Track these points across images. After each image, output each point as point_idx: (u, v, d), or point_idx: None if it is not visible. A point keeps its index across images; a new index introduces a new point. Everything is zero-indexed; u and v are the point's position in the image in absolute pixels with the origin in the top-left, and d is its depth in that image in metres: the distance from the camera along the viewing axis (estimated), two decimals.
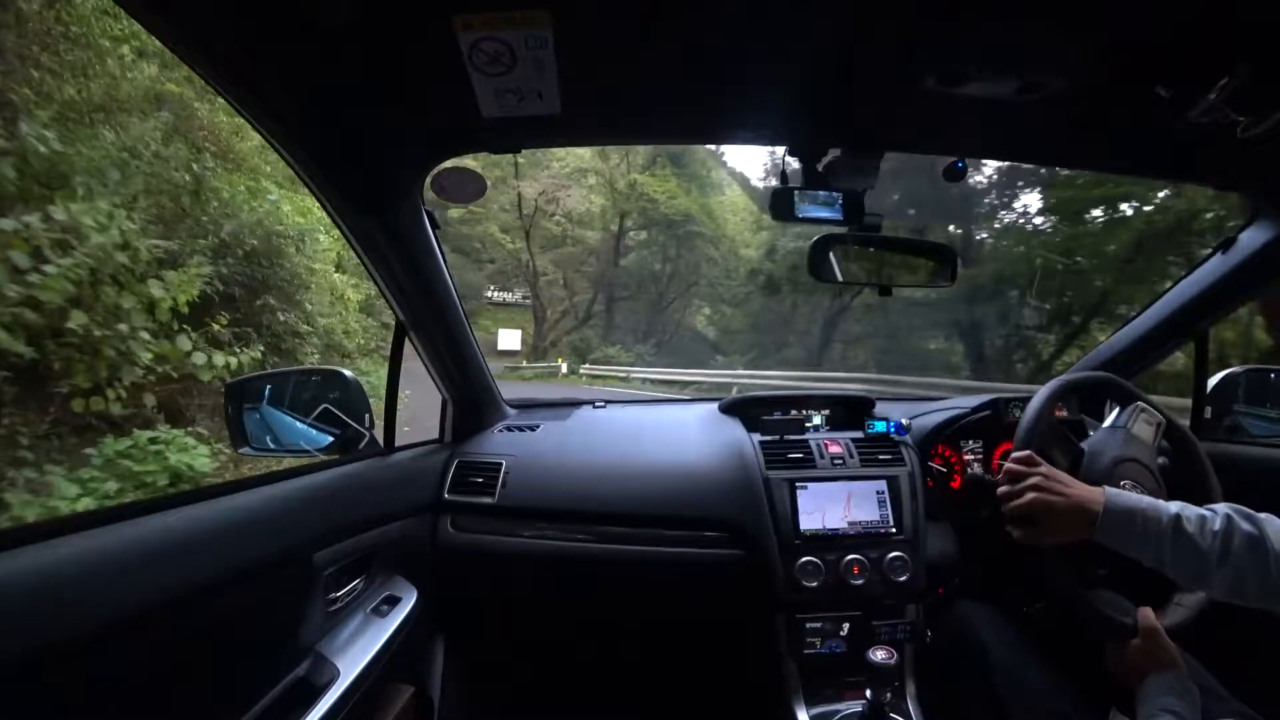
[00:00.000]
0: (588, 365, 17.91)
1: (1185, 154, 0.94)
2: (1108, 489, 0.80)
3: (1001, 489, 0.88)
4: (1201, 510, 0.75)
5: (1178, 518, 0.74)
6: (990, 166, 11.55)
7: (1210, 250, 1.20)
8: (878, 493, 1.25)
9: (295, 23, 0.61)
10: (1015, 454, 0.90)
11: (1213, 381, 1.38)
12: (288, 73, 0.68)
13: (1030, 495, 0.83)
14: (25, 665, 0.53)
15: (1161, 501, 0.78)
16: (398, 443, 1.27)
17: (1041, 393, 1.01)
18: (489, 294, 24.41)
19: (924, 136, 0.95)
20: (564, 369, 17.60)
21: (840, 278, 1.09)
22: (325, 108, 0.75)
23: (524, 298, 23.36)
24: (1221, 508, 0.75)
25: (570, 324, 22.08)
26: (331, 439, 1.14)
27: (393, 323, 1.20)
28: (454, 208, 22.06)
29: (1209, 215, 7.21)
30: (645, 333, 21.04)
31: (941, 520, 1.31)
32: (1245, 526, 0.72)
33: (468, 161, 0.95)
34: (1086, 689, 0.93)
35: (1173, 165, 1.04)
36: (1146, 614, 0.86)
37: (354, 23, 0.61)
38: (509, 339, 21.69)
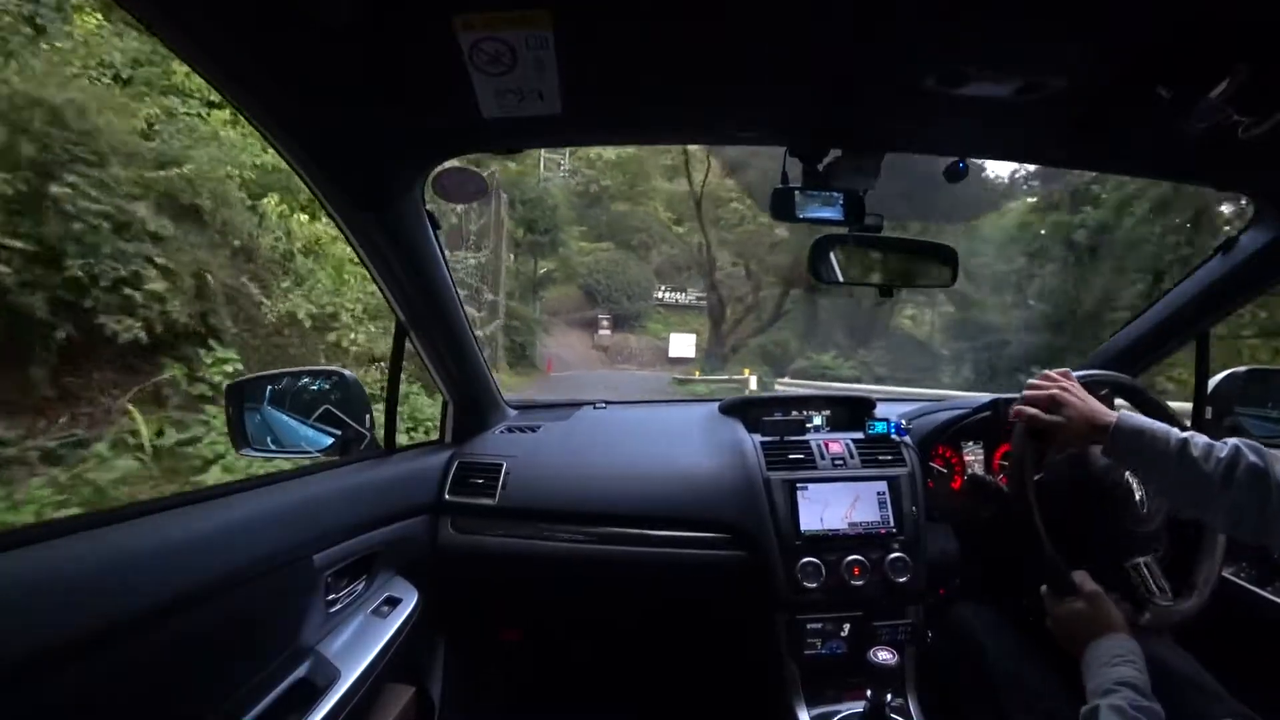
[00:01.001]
0: (787, 379, 13.07)
1: (1186, 155, 0.94)
2: (1121, 410, 0.84)
3: (1031, 381, 0.93)
4: (1211, 440, 0.77)
5: (1185, 441, 0.76)
6: None
7: (1212, 251, 1.20)
8: (878, 493, 1.25)
9: (295, 22, 0.60)
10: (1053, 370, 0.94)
11: (1214, 381, 1.38)
12: (287, 72, 0.68)
13: (1056, 390, 0.87)
14: (25, 665, 0.53)
15: (1173, 427, 0.80)
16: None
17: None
18: (659, 294, 21.52)
19: (924, 136, 0.95)
20: (753, 383, 12.64)
21: (841, 278, 1.09)
22: (325, 107, 0.75)
23: (698, 298, 20.61)
24: (1232, 440, 0.76)
25: (754, 324, 17.80)
26: (332, 440, 1.14)
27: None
28: (619, 202, 20.38)
29: None
30: (859, 335, 15.38)
31: (942, 521, 1.31)
32: (1251, 458, 0.73)
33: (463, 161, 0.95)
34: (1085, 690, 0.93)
35: (1174, 166, 1.04)
36: (1085, 577, 0.88)
37: (354, 22, 0.61)
38: (681, 345, 19.03)
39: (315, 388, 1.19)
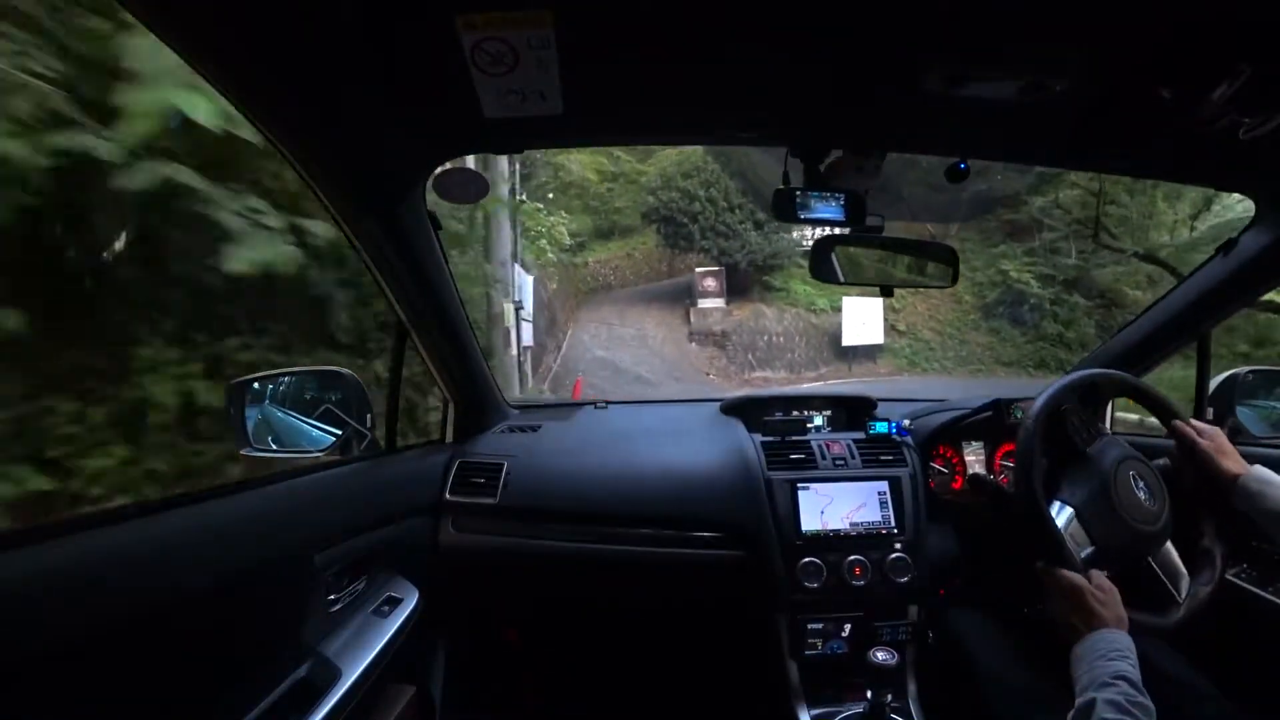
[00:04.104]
0: None
1: (1187, 155, 0.94)
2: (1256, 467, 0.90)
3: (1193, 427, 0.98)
4: None
5: None
6: None
7: (1213, 251, 1.20)
8: (879, 493, 1.25)
9: (297, 22, 0.61)
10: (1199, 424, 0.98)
11: (1214, 382, 1.38)
12: (289, 72, 0.68)
13: (1213, 439, 0.95)
14: (25, 665, 0.53)
15: None
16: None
17: (1049, 390, 1.00)
18: (810, 240, 7.47)
19: (925, 137, 0.95)
20: None
21: (842, 278, 1.09)
22: (326, 107, 0.75)
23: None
24: None
25: None
26: (333, 439, 1.14)
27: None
28: None
29: None
30: None
31: (943, 521, 1.31)
32: None
33: (469, 161, 0.95)
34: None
35: (1175, 166, 1.04)
36: (1099, 575, 0.88)
37: (356, 22, 0.61)
38: (861, 321, 10.72)
39: (316, 387, 1.19)
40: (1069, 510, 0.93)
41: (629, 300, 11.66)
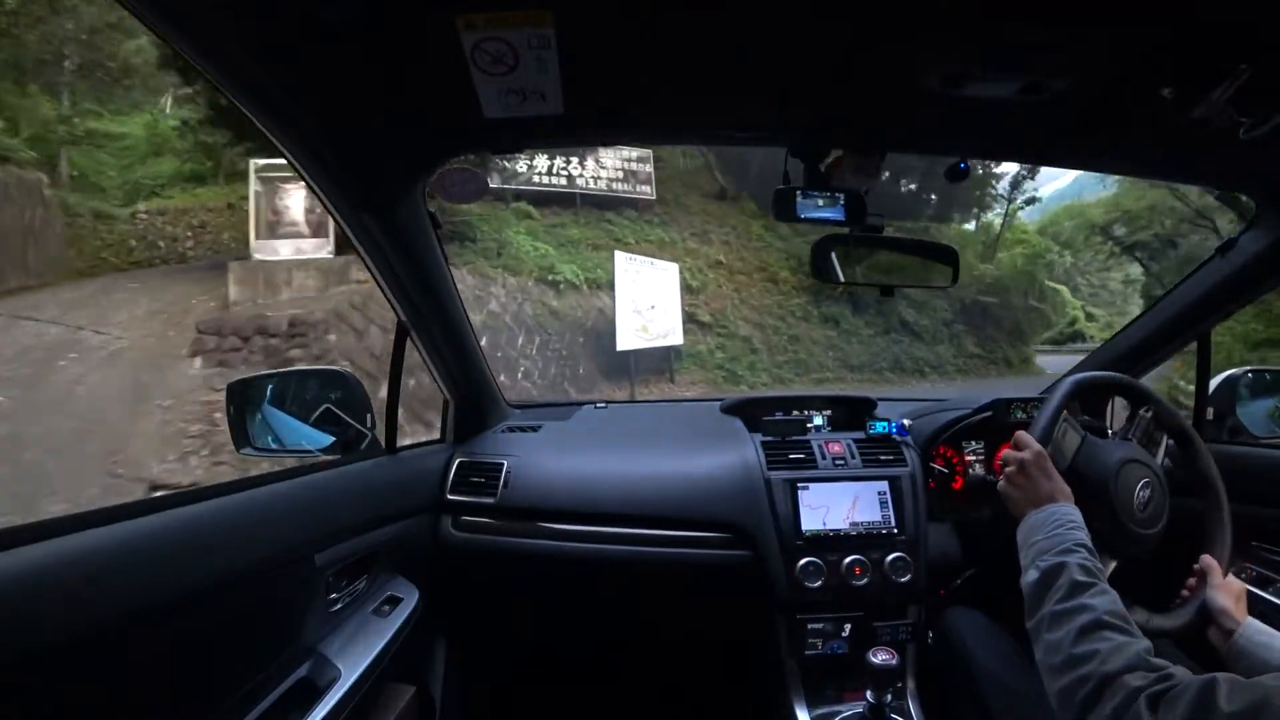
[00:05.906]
0: None
1: (1187, 155, 0.94)
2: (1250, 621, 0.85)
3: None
4: None
5: None
6: None
7: (1212, 252, 1.20)
8: (879, 493, 1.25)
9: (297, 21, 0.61)
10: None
11: (1215, 383, 1.38)
12: (289, 71, 0.68)
13: (1231, 584, 0.89)
14: (25, 665, 0.53)
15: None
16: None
17: (1059, 390, 1.00)
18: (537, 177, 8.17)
19: (925, 137, 0.95)
20: None
21: (842, 278, 1.09)
22: (327, 106, 0.75)
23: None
24: None
25: None
26: (333, 439, 1.13)
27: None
28: None
29: None
30: None
31: (943, 521, 1.31)
32: None
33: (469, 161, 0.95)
34: None
35: (1175, 166, 1.04)
36: (1028, 438, 0.91)
37: (356, 22, 0.61)
38: (648, 305, 7.02)
39: (316, 387, 1.19)
40: (1078, 435, 0.96)
41: (162, 275, 6.19)
